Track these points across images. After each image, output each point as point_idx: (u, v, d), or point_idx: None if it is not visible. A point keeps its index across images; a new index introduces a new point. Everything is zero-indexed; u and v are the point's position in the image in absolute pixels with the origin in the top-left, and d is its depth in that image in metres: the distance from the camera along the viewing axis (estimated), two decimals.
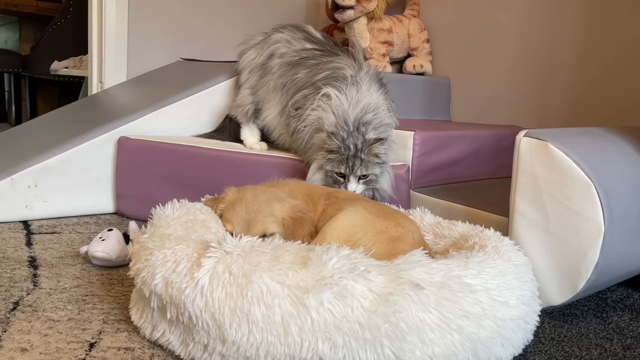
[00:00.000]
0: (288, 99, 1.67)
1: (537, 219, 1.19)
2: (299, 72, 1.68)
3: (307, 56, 1.70)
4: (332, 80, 1.57)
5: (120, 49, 2.34)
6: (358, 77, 1.55)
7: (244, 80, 1.82)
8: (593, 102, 1.98)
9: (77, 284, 1.18)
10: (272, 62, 1.74)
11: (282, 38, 1.76)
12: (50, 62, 3.79)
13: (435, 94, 2.33)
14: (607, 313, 1.26)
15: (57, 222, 1.67)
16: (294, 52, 1.73)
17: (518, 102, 2.20)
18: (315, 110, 1.53)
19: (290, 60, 1.71)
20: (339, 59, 1.64)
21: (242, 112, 1.81)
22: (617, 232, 1.13)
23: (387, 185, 1.47)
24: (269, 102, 1.75)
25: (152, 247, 0.92)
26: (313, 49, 1.72)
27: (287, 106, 1.67)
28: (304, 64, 1.69)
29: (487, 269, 0.90)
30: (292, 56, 1.72)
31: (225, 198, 1.17)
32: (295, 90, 1.66)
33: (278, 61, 1.73)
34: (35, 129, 1.97)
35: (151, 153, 1.72)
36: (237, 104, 1.82)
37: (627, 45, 1.88)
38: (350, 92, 1.50)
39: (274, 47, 1.76)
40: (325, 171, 1.43)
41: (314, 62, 1.67)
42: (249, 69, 1.81)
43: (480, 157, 1.85)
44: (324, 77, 1.60)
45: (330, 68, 1.61)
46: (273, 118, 1.74)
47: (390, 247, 1.07)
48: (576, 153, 1.15)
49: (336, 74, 1.59)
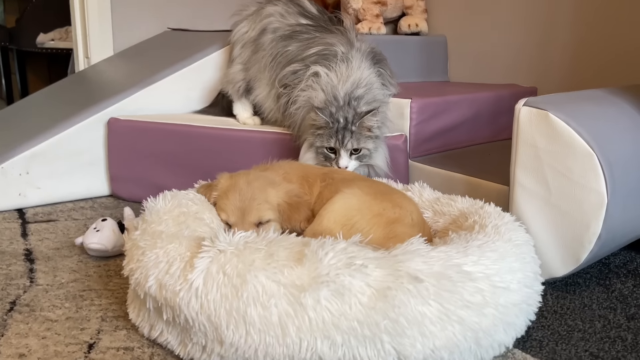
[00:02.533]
0: (277, 73, 1.62)
1: (538, 191, 1.17)
2: (289, 45, 1.62)
3: (300, 30, 1.64)
4: (322, 58, 1.51)
5: (104, 23, 2.26)
6: (349, 55, 1.49)
7: (237, 55, 1.76)
8: (593, 57, 1.91)
9: (74, 278, 1.17)
10: (264, 37, 1.68)
11: (276, 11, 1.69)
12: (36, 34, 3.70)
13: (431, 54, 2.26)
14: (611, 280, 1.25)
15: (52, 208, 1.65)
16: (288, 26, 1.66)
17: (517, 59, 2.13)
18: (305, 91, 1.48)
19: (283, 34, 1.65)
20: (332, 36, 1.57)
21: (233, 89, 1.76)
22: (619, 202, 1.11)
23: (382, 162, 1.43)
24: (260, 81, 1.70)
25: (144, 246, 0.90)
26: (307, 25, 1.65)
27: (274, 77, 1.62)
28: (296, 37, 1.63)
29: (488, 253, 0.88)
30: (285, 31, 1.66)
31: (218, 185, 1.14)
32: (285, 63, 1.60)
33: (270, 37, 1.67)
34: (22, 112, 1.92)
35: (142, 134, 1.68)
36: (229, 80, 1.77)
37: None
38: (340, 69, 1.44)
39: (267, 21, 1.69)
40: (316, 148, 1.39)
41: (306, 36, 1.61)
42: (242, 43, 1.75)
43: (479, 120, 1.81)
44: (314, 53, 1.54)
45: (322, 44, 1.55)
46: (264, 97, 1.70)
47: (388, 230, 1.04)
48: (577, 122, 1.11)
49: (327, 50, 1.53)
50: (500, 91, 1.89)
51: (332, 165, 1.37)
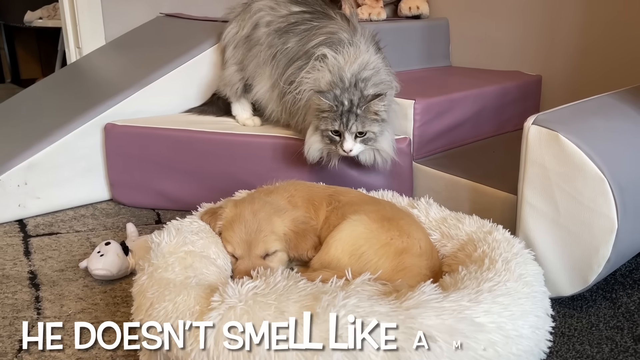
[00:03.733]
0: (280, 73, 1.57)
1: (547, 211, 1.15)
2: (288, 41, 1.56)
3: (296, 21, 1.58)
4: (326, 45, 1.47)
5: (94, 12, 2.19)
6: (355, 39, 1.46)
7: (230, 56, 1.70)
8: (600, 45, 1.86)
9: (81, 308, 1.17)
10: (258, 32, 1.63)
11: (265, 5, 1.63)
12: (23, 10, 3.59)
13: (433, 39, 2.20)
14: (617, 293, 1.25)
15: (53, 218, 1.63)
16: (281, 18, 1.60)
17: (521, 44, 2.07)
18: (310, 73, 1.45)
19: (278, 27, 1.59)
20: (332, 23, 1.52)
21: (231, 90, 1.71)
22: (629, 226, 1.10)
23: (389, 146, 1.41)
24: (260, 76, 1.64)
25: (152, 297, 0.89)
26: (301, 12, 1.59)
27: (277, 80, 1.58)
28: (293, 30, 1.57)
29: (499, 298, 0.87)
30: (280, 23, 1.60)
31: (223, 215, 1.12)
32: (286, 62, 1.56)
33: (265, 30, 1.61)
34: (17, 116, 1.88)
35: (140, 139, 1.65)
36: (225, 83, 1.72)
37: None
38: (347, 51, 1.41)
39: (257, 15, 1.63)
40: (321, 131, 1.37)
41: (304, 27, 1.56)
42: (234, 44, 1.69)
43: (483, 115, 1.78)
44: (317, 44, 1.49)
45: (323, 33, 1.50)
46: (264, 92, 1.65)
47: (397, 262, 1.03)
48: (589, 145, 1.09)
49: (331, 39, 1.48)
50: (504, 83, 1.85)
51: (337, 148, 1.36)
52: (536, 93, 1.98)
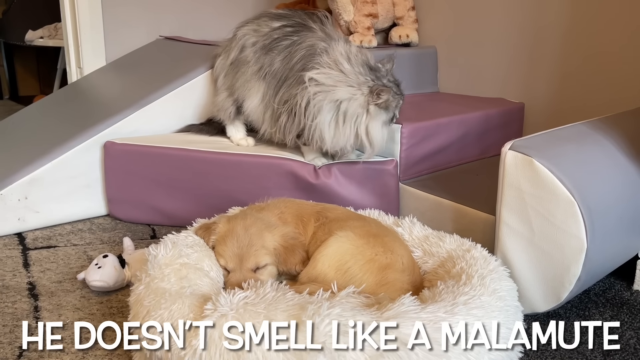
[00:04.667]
0: (272, 94, 1.64)
1: (523, 231, 1.22)
2: (274, 62, 1.64)
3: (278, 37, 1.66)
4: (307, 61, 1.56)
5: (96, 33, 2.27)
6: (330, 45, 1.58)
7: (221, 84, 1.80)
8: (578, 74, 1.96)
9: (78, 317, 1.22)
10: (244, 53, 1.71)
11: (248, 29, 1.73)
12: (23, 28, 3.66)
13: (422, 65, 2.29)
14: (590, 311, 1.32)
15: (51, 232, 1.69)
16: (264, 35, 1.69)
17: (505, 72, 2.17)
18: (317, 96, 1.53)
19: (263, 45, 1.68)
20: (311, 35, 1.62)
21: (224, 115, 1.79)
22: (598, 246, 1.17)
23: None
24: (249, 91, 1.71)
25: (148, 305, 0.95)
26: (282, 26, 1.68)
27: (267, 97, 1.65)
28: (276, 47, 1.65)
29: (473, 311, 0.94)
30: (264, 40, 1.69)
31: (217, 230, 1.19)
32: (276, 83, 1.63)
33: (251, 49, 1.70)
34: (18, 132, 1.94)
35: (138, 157, 1.71)
36: (219, 108, 1.80)
37: (614, 16, 1.84)
38: (330, 58, 1.53)
39: (243, 40, 1.72)
40: (390, 119, 1.56)
41: (285, 43, 1.64)
42: (223, 72, 1.78)
43: (467, 140, 1.86)
44: (298, 60, 1.58)
45: (303, 48, 1.60)
46: (255, 108, 1.71)
47: (380, 277, 1.10)
48: (560, 170, 1.16)
49: (309, 51, 1.58)
50: (488, 109, 1.93)
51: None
52: (519, 119, 2.07)
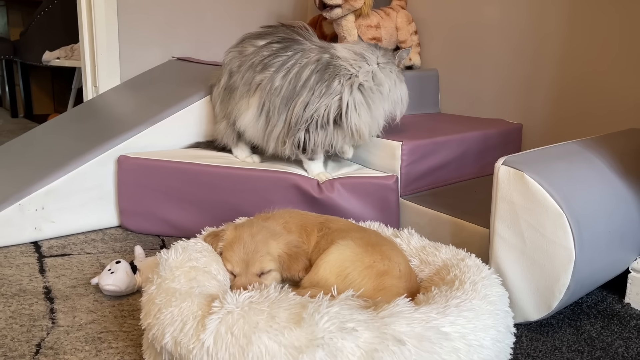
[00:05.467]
0: (276, 113, 1.68)
1: (515, 242, 1.29)
2: (274, 80, 1.67)
3: (269, 54, 1.70)
4: (324, 72, 1.64)
5: (112, 55, 2.37)
6: (335, 53, 1.69)
7: (218, 112, 1.90)
8: (573, 96, 2.03)
9: (91, 319, 1.29)
10: (233, 78, 1.80)
11: (232, 55, 1.82)
12: (40, 49, 3.79)
13: (424, 87, 2.38)
14: (581, 321, 1.37)
15: (65, 241, 1.76)
16: (250, 54, 1.75)
17: (504, 95, 2.25)
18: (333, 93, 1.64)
19: (252, 63, 1.73)
20: (307, 51, 1.69)
21: (228, 140, 1.89)
22: (587, 257, 1.23)
23: None
24: (239, 110, 1.78)
25: (160, 303, 1.01)
26: (268, 44, 1.73)
27: (268, 115, 1.69)
28: (271, 64, 1.69)
29: (464, 313, 0.99)
30: (250, 59, 1.74)
31: (224, 237, 1.25)
32: (281, 102, 1.66)
33: (237, 73, 1.78)
34: (36, 147, 2.03)
35: (150, 171, 1.79)
36: (222, 135, 1.90)
37: (609, 41, 1.92)
38: (343, 55, 1.69)
39: (230, 65, 1.81)
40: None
41: (281, 59, 1.68)
42: (219, 100, 1.87)
43: (466, 158, 1.93)
44: (310, 73, 1.65)
45: (312, 62, 1.66)
46: (249, 125, 1.75)
47: (378, 282, 1.16)
48: (550, 184, 1.23)
49: (321, 63, 1.66)
50: (487, 129, 2.00)
51: None
52: (517, 139, 2.14)
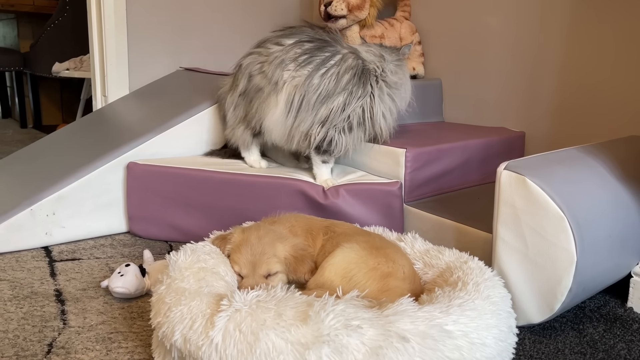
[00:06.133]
0: (311, 110, 1.69)
1: (517, 245, 1.31)
2: (313, 78, 1.67)
3: (302, 52, 1.70)
4: (362, 75, 1.72)
5: (121, 65, 2.42)
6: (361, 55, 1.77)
7: (231, 118, 1.89)
8: (575, 104, 2.06)
9: (102, 320, 1.31)
10: (253, 81, 1.78)
11: (251, 59, 1.80)
12: (50, 61, 3.85)
13: (428, 97, 2.41)
14: (584, 324, 1.38)
15: (75, 246, 1.79)
16: (275, 53, 1.73)
17: (507, 103, 2.28)
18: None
19: (280, 61, 1.71)
20: (345, 55, 1.73)
21: (242, 144, 1.90)
22: (588, 259, 1.25)
23: None
24: (267, 108, 1.76)
25: (169, 302, 1.04)
26: (298, 42, 1.73)
27: (300, 112, 1.70)
28: (308, 62, 1.69)
29: (467, 312, 1.01)
30: (278, 57, 1.72)
31: (232, 239, 1.28)
32: (317, 100, 1.68)
33: (259, 74, 1.77)
34: (47, 154, 2.07)
35: (159, 177, 1.82)
36: (235, 139, 1.91)
37: (610, 49, 1.96)
38: (370, 59, 1.78)
39: (248, 70, 1.80)
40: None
41: (318, 59, 1.69)
42: (232, 106, 1.87)
43: (469, 165, 1.95)
44: (351, 76, 1.70)
45: (350, 67, 1.71)
46: (277, 122, 1.75)
47: (382, 284, 1.18)
48: (551, 187, 1.25)
49: (359, 67, 1.73)
50: (490, 137, 2.03)
51: None
52: (520, 147, 2.16)
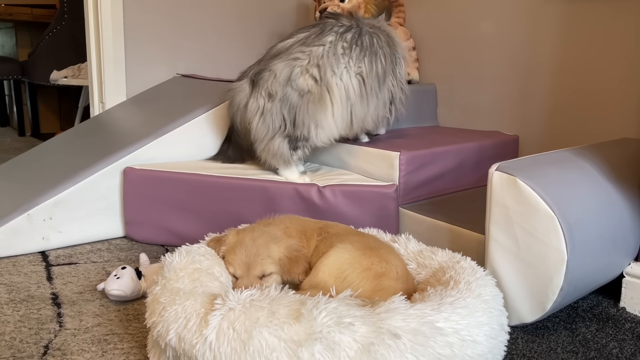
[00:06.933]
0: (374, 96, 1.82)
1: (509, 246, 1.32)
2: (373, 64, 1.78)
3: (349, 45, 1.74)
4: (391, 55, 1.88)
5: (118, 72, 2.44)
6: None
7: (261, 129, 1.76)
8: (568, 108, 2.08)
9: (98, 322, 1.32)
10: (297, 85, 1.70)
11: (285, 65, 1.72)
12: (48, 69, 3.88)
13: (422, 101, 2.43)
14: (576, 324, 1.39)
15: (72, 250, 1.80)
16: (321, 54, 1.71)
17: (500, 107, 2.30)
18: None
19: (330, 61, 1.71)
20: (378, 36, 1.83)
21: (280, 160, 1.80)
22: (579, 258, 1.26)
23: None
24: (320, 109, 1.73)
25: (164, 302, 1.05)
26: (341, 35, 1.74)
27: (361, 101, 1.78)
28: (360, 52, 1.75)
29: (458, 310, 1.03)
30: (326, 56, 1.71)
31: (227, 240, 1.30)
32: (378, 85, 1.82)
33: (303, 79, 1.71)
34: (44, 159, 2.09)
35: (155, 182, 1.84)
36: (270, 156, 1.80)
37: (603, 54, 1.98)
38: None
39: (285, 76, 1.71)
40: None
41: (364, 45, 1.76)
42: (259, 115, 1.75)
43: (463, 168, 1.97)
44: (385, 59, 1.84)
45: (385, 44, 1.85)
46: (337, 116, 1.76)
47: (376, 284, 1.19)
48: (542, 188, 1.27)
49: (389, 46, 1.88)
50: (483, 141, 2.05)
51: None
52: (514, 151, 2.18)
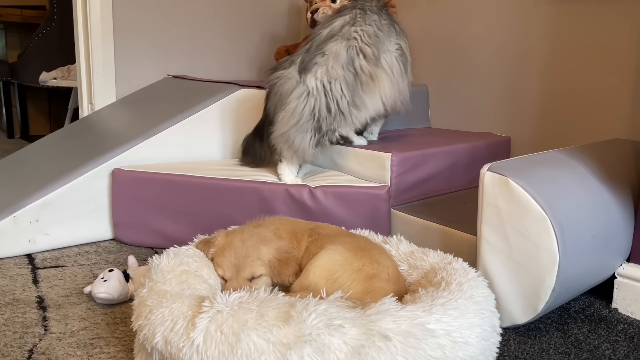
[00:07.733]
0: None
1: (501, 246, 1.31)
2: (400, 43, 1.84)
3: (377, 27, 1.76)
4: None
5: (108, 72, 2.42)
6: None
7: (294, 116, 1.66)
8: (559, 109, 2.08)
9: (84, 326, 1.30)
10: (357, 65, 1.71)
11: (339, 45, 1.70)
12: (38, 71, 3.85)
13: (414, 103, 2.40)
14: (568, 325, 1.39)
15: (59, 253, 1.77)
16: (355, 38, 1.72)
17: (492, 109, 2.30)
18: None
19: (378, 37, 1.76)
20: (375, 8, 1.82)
21: (298, 156, 1.74)
22: (571, 259, 1.25)
23: None
24: (376, 87, 1.77)
25: (151, 304, 1.03)
26: (368, 17, 1.77)
27: (400, 69, 1.84)
28: (385, 34, 1.79)
29: (450, 311, 1.01)
30: (359, 42, 1.72)
31: (216, 242, 1.28)
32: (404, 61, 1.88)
33: (358, 59, 1.72)
34: (32, 161, 2.06)
35: (144, 183, 1.81)
36: (295, 150, 1.71)
37: (593, 56, 1.98)
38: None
39: (344, 57, 1.70)
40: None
41: (387, 25, 1.81)
42: (301, 102, 1.66)
43: (455, 170, 1.96)
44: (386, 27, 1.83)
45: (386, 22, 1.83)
46: (387, 91, 1.80)
47: (367, 285, 1.18)
48: (533, 188, 1.26)
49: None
50: (475, 142, 2.04)
51: None
52: (506, 152, 2.17)
